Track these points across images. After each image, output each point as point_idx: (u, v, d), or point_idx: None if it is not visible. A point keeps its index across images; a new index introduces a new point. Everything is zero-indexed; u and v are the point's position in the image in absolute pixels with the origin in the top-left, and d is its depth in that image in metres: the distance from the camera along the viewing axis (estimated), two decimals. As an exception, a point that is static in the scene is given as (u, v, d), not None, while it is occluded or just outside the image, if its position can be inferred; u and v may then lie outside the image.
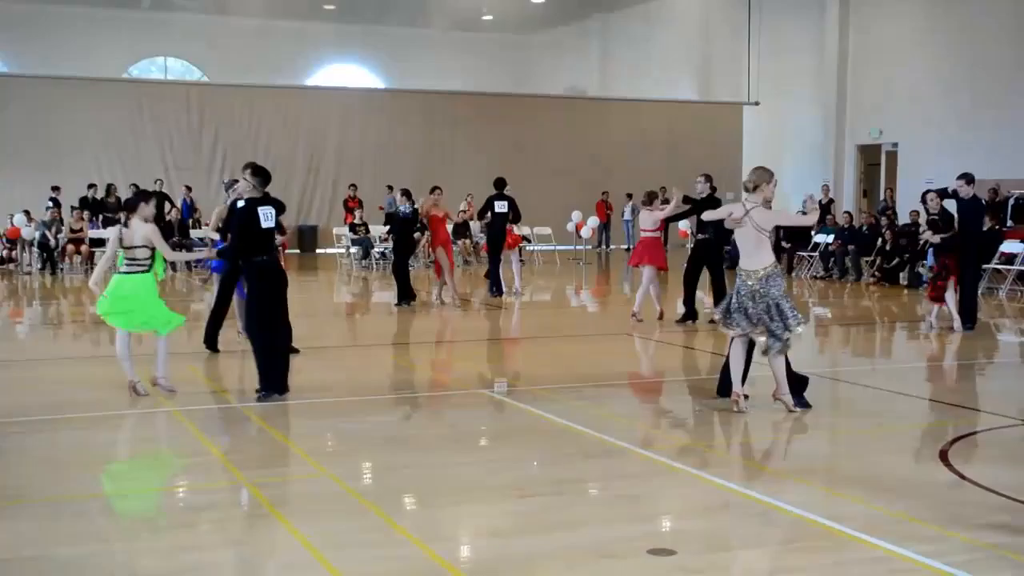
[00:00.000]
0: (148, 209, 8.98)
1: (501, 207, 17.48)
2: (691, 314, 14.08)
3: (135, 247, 8.86)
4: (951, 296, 13.30)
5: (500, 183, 17.67)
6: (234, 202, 10.37)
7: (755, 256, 8.32)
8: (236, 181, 11.76)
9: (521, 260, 18.41)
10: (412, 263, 18.77)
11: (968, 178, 13.53)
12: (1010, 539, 5.52)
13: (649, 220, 14.17)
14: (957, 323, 13.26)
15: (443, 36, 37.87)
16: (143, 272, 8.91)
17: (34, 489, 6.47)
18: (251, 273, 9.05)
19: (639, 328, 13.74)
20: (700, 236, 14.03)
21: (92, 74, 29.71)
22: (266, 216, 8.94)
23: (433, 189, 16.66)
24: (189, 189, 25.87)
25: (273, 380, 8.91)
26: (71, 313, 16.84)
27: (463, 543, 5.68)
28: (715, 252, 13.95)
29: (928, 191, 14.21)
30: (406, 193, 16.92)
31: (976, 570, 5.05)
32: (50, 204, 23.79)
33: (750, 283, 8.28)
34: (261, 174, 9.09)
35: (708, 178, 13.96)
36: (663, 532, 5.82)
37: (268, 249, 9.01)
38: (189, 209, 25.49)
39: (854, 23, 28.66)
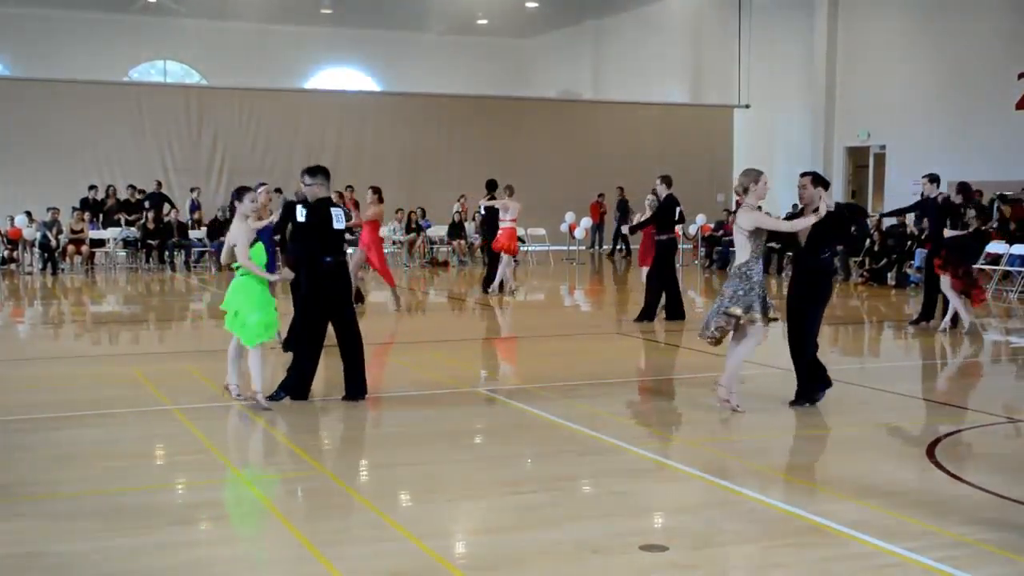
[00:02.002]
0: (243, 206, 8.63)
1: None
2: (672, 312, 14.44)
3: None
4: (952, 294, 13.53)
5: (491, 185, 17.81)
6: (290, 204, 10.31)
7: (736, 256, 8.64)
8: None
9: (516, 261, 18.49)
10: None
11: (931, 177, 13.84)
12: (995, 535, 5.60)
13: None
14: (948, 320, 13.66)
15: (438, 40, 37.97)
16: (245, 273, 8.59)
17: (34, 486, 6.54)
18: (317, 274, 8.82)
19: (633, 327, 13.92)
20: (661, 237, 14.44)
21: (93, 77, 29.76)
22: (338, 217, 8.82)
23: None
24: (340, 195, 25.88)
25: (301, 389, 8.86)
26: (72, 313, 16.88)
27: (458, 539, 5.75)
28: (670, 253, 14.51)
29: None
30: (342, 193, 16.72)
31: (962, 566, 5.12)
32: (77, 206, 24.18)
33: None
34: (321, 173, 8.90)
35: (664, 180, 14.46)
36: (655, 528, 5.89)
37: (338, 251, 8.92)
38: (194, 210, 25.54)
39: (843, 27, 28.79)
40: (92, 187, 25.17)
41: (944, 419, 8.72)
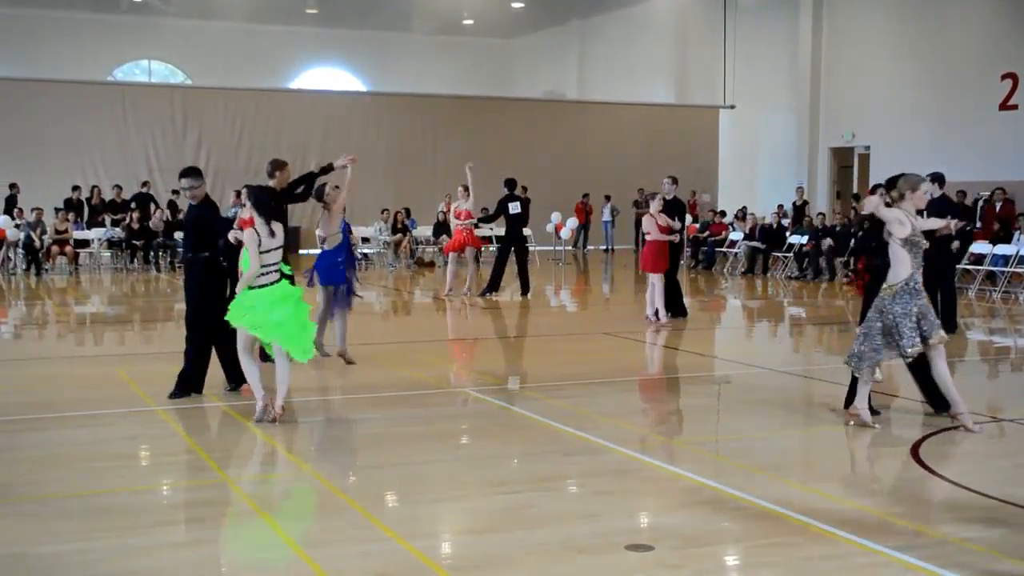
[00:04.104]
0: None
1: (515, 209, 17.43)
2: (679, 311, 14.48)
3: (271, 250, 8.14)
4: None
5: (511, 184, 17.55)
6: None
7: (892, 270, 7.91)
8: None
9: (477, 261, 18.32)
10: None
11: (934, 176, 13.68)
12: (980, 533, 5.63)
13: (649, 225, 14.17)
14: None
15: (424, 40, 37.96)
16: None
17: (19, 487, 6.51)
18: (204, 269, 9.09)
19: (620, 327, 13.91)
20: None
21: (77, 77, 29.62)
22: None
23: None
24: (238, 195, 25.63)
25: (197, 381, 9.15)
26: (56, 313, 16.80)
27: (444, 539, 5.76)
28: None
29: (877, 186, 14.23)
30: (239, 193, 16.37)
31: (946, 564, 5.14)
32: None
33: (882, 296, 7.94)
34: (201, 173, 9.34)
35: (673, 180, 14.52)
36: (641, 528, 5.90)
37: (214, 247, 9.13)
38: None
39: (827, 28, 28.89)
40: (76, 187, 25.06)
41: (929, 418, 8.75)
